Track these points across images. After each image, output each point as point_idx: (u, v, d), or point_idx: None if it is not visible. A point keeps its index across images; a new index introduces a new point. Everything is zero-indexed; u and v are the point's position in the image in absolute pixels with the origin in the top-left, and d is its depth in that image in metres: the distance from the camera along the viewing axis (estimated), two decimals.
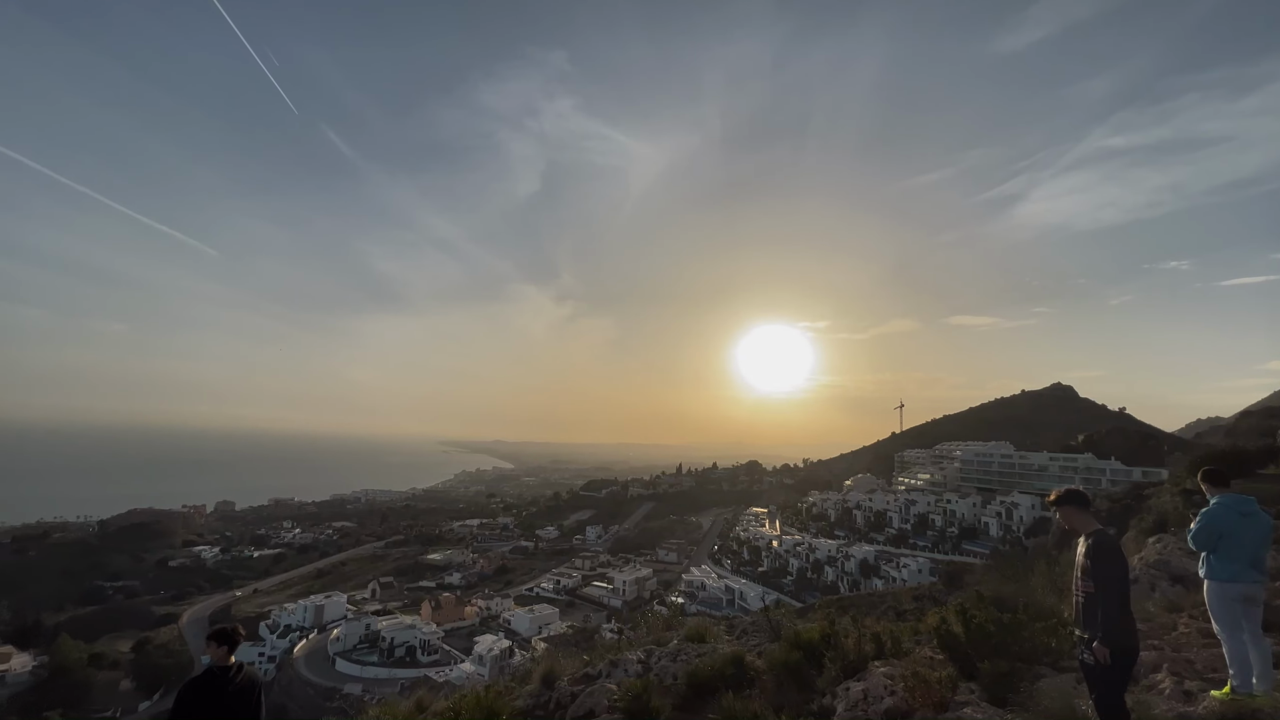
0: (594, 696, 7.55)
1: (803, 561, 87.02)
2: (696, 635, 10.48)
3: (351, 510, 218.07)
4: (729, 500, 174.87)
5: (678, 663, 8.89)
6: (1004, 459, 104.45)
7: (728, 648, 9.64)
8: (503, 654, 54.47)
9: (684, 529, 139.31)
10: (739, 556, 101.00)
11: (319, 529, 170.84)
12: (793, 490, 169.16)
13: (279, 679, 62.99)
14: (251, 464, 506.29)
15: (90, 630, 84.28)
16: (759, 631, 12.73)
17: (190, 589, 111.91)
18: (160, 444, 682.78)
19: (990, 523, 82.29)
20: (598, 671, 8.71)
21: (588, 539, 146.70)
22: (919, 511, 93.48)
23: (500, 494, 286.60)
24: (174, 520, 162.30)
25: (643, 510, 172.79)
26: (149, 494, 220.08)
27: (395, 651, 64.22)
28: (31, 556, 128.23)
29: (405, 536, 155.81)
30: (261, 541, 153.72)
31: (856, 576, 76.66)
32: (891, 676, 6.65)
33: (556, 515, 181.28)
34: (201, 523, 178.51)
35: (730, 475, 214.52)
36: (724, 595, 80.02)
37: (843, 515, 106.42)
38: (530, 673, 9.76)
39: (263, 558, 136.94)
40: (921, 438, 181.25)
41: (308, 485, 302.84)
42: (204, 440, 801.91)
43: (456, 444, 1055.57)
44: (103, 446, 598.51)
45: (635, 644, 11.09)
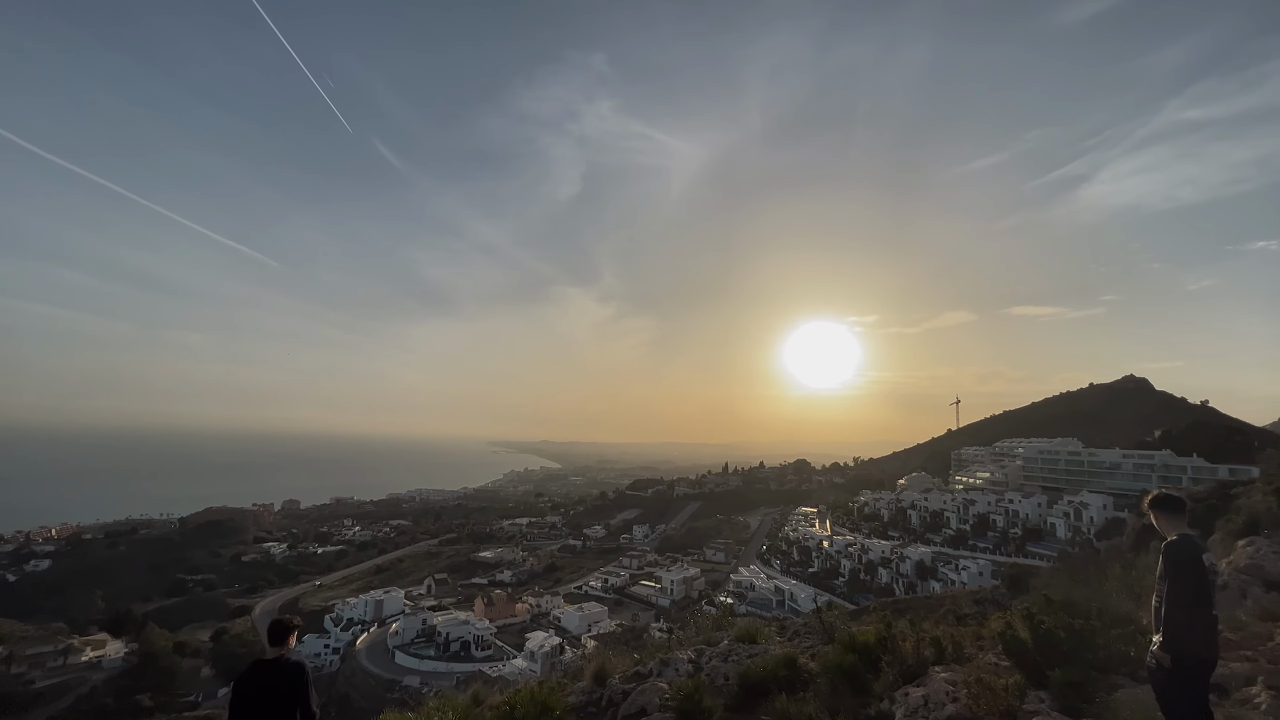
0: (645, 695, 7.58)
1: (855, 563, 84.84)
2: (747, 636, 10.38)
3: (407, 509, 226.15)
4: (777, 500, 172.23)
5: (729, 663, 8.83)
6: (1071, 456, 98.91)
7: (780, 649, 9.51)
8: (553, 651, 55.32)
9: (731, 529, 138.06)
10: (788, 557, 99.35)
11: (377, 527, 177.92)
12: (843, 489, 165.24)
13: (343, 670, 65.99)
14: (314, 465, 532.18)
15: (174, 620, 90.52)
16: (811, 633, 12.50)
17: (261, 583, 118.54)
18: (231, 446, 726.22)
19: (1057, 524, 78.07)
20: (649, 670, 8.75)
21: (635, 538, 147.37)
22: (979, 512, 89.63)
23: (548, 493, 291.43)
24: (246, 518, 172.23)
25: (689, 510, 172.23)
26: (223, 493, 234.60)
27: (450, 646, 66.23)
28: (122, 551, 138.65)
29: (458, 535, 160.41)
30: (324, 538, 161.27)
31: (912, 579, 74.17)
32: (953, 682, 6.41)
33: (603, 514, 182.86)
34: (270, 520, 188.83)
35: (778, 474, 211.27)
36: (774, 596, 78.87)
37: (896, 515, 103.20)
38: (582, 670, 9.89)
39: (326, 554, 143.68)
40: (980, 435, 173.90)
41: (366, 485, 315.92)
42: (270, 442, 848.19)
43: (505, 444, 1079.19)
44: (180, 449, 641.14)
45: (685, 643, 11.07)
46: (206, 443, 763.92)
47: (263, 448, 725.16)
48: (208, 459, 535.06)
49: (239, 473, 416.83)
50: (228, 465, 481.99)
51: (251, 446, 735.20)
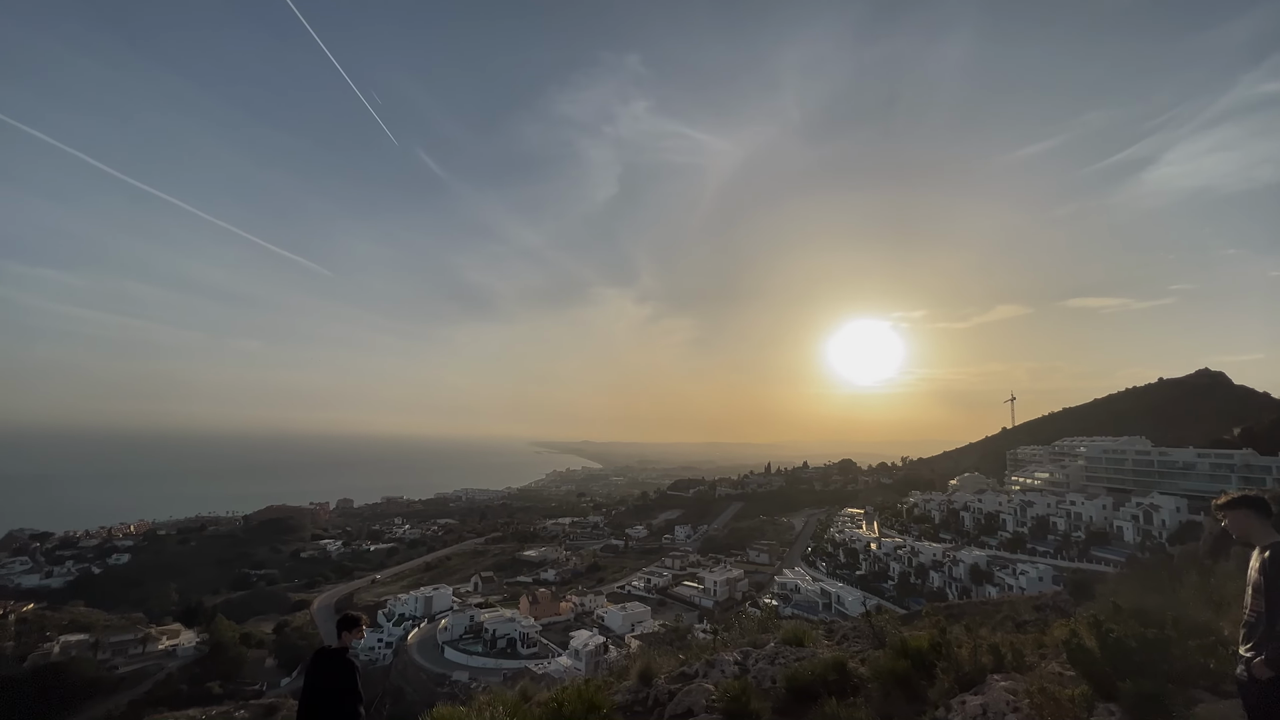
0: (691, 695, 7.55)
1: (905, 565, 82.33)
2: (794, 638, 10.21)
3: (454, 508, 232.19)
4: (822, 500, 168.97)
5: (776, 666, 8.71)
6: (1140, 456, 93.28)
7: (828, 653, 9.32)
8: (598, 649, 55.75)
9: (775, 530, 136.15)
10: (834, 559, 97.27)
11: (425, 525, 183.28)
12: (891, 490, 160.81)
13: (395, 664, 68.23)
14: (366, 465, 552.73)
15: (240, 612, 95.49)
16: (861, 637, 12.20)
17: (319, 578, 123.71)
18: (289, 447, 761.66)
19: (1124, 527, 73.79)
20: (694, 671, 8.71)
21: (676, 538, 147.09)
22: (1037, 514, 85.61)
23: (590, 493, 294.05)
24: (303, 516, 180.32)
25: (731, 510, 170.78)
26: (282, 492, 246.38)
27: (497, 643, 67.63)
28: (193, 547, 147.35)
29: (503, 533, 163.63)
30: (376, 536, 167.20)
31: (966, 583, 71.44)
32: (1014, 691, 6.15)
33: (645, 514, 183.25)
34: (326, 518, 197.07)
35: (822, 474, 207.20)
36: (820, 599, 77.33)
37: (948, 517, 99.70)
38: (627, 669, 9.93)
39: (378, 551, 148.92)
40: (1037, 433, 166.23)
41: (414, 484, 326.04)
42: (325, 444, 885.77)
43: (547, 444, 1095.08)
44: (242, 450, 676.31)
45: (730, 645, 10.98)
46: (266, 444, 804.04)
47: (318, 449, 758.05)
48: (267, 460, 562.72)
49: (297, 473, 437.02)
50: (286, 466, 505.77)
51: (307, 448, 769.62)
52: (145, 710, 51.18)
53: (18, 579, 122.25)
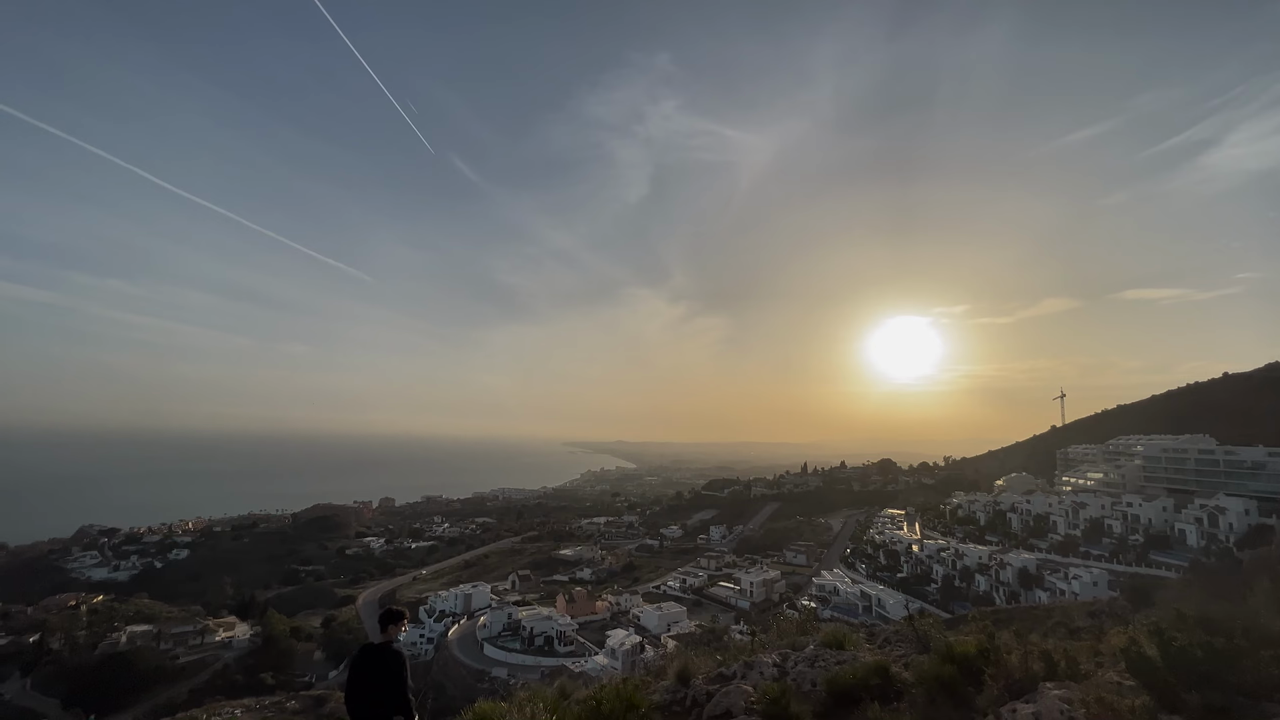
0: (730, 697, 7.50)
1: (949, 568, 79.89)
2: (834, 641, 10.04)
3: (491, 507, 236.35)
4: (860, 501, 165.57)
5: (816, 669, 8.57)
6: (1204, 455, 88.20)
7: (870, 657, 9.13)
8: (634, 649, 55.89)
9: (812, 530, 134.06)
10: (874, 561, 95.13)
11: (464, 524, 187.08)
12: (933, 491, 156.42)
13: (437, 659, 69.81)
14: (406, 465, 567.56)
15: (290, 606, 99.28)
16: (904, 641, 11.90)
17: (363, 574, 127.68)
18: (333, 448, 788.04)
19: (1187, 530, 69.91)
20: (732, 672, 8.66)
21: (712, 539, 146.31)
22: (1091, 516, 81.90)
23: (624, 493, 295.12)
24: (348, 514, 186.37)
25: (767, 510, 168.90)
26: (328, 491, 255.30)
27: (535, 640, 68.52)
28: (245, 543, 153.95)
29: (539, 532, 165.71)
30: (417, 534, 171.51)
31: (1014, 587, 68.87)
32: (1069, 700, 5.90)
33: (679, 514, 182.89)
34: (369, 517, 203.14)
35: (861, 474, 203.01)
36: (860, 601, 75.74)
37: (995, 518, 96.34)
38: (665, 669, 9.94)
39: (419, 549, 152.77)
40: (1090, 432, 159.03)
41: (453, 484, 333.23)
42: (367, 444, 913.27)
43: (581, 445, 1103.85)
44: (290, 450, 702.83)
45: (769, 647, 10.87)
46: (312, 445, 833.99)
47: (360, 449, 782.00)
48: (313, 460, 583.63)
49: (341, 472, 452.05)
50: (331, 466, 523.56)
51: (351, 448, 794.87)
52: (204, 698, 53.69)
53: (88, 572, 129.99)
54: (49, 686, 66.49)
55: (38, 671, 69.33)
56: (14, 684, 68.26)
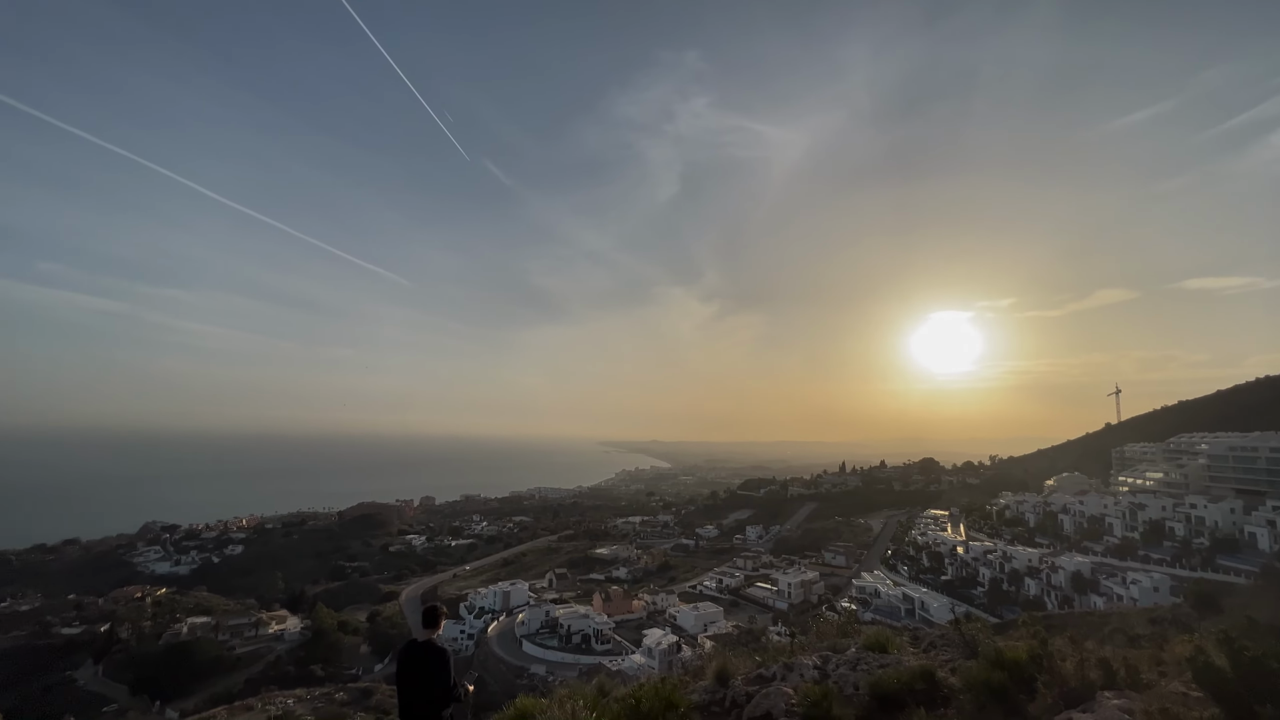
0: (770, 699, 7.41)
1: (996, 571, 77.12)
2: (876, 644, 9.82)
3: (527, 506, 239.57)
4: (901, 501, 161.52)
5: (858, 672, 8.40)
6: (1275, 453, 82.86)
7: (914, 661, 8.89)
8: (671, 648, 55.82)
9: (851, 531, 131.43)
10: (917, 563, 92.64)
11: (501, 522, 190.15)
12: (978, 491, 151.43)
13: (477, 654, 71.20)
14: (446, 464, 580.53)
15: (337, 601, 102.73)
16: (950, 646, 11.55)
17: (406, 571, 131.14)
18: (376, 447, 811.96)
19: (1258, 533, 65.72)
20: (771, 673, 8.55)
21: (748, 539, 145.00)
22: (1150, 517, 77.84)
23: (659, 492, 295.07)
24: (390, 512, 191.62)
25: (804, 511, 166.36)
26: (371, 489, 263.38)
27: (572, 638, 69.15)
28: (295, 540, 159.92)
29: (574, 531, 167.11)
30: (457, 532, 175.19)
31: (1067, 591, 66.02)
32: (1130, 711, 5.62)
33: (715, 514, 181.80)
34: (411, 515, 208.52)
35: (901, 474, 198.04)
36: (902, 604, 73.83)
37: (1045, 520, 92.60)
38: (703, 669, 9.89)
39: (459, 546, 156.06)
40: (1148, 429, 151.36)
41: (490, 483, 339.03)
42: (408, 444, 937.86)
43: (616, 444, 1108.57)
44: (334, 450, 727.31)
45: (809, 648, 10.70)
46: (355, 444, 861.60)
47: (401, 449, 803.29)
48: (356, 459, 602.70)
49: (383, 471, 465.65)
50: (372, 465, 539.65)
51: (391, 448, 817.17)
52: (259, 688, 56.04)
53: (152, 566, 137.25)
54: (118, 673, 70.57)
55: (108, 659, 73.65)
56: (87, 670, 72.70)
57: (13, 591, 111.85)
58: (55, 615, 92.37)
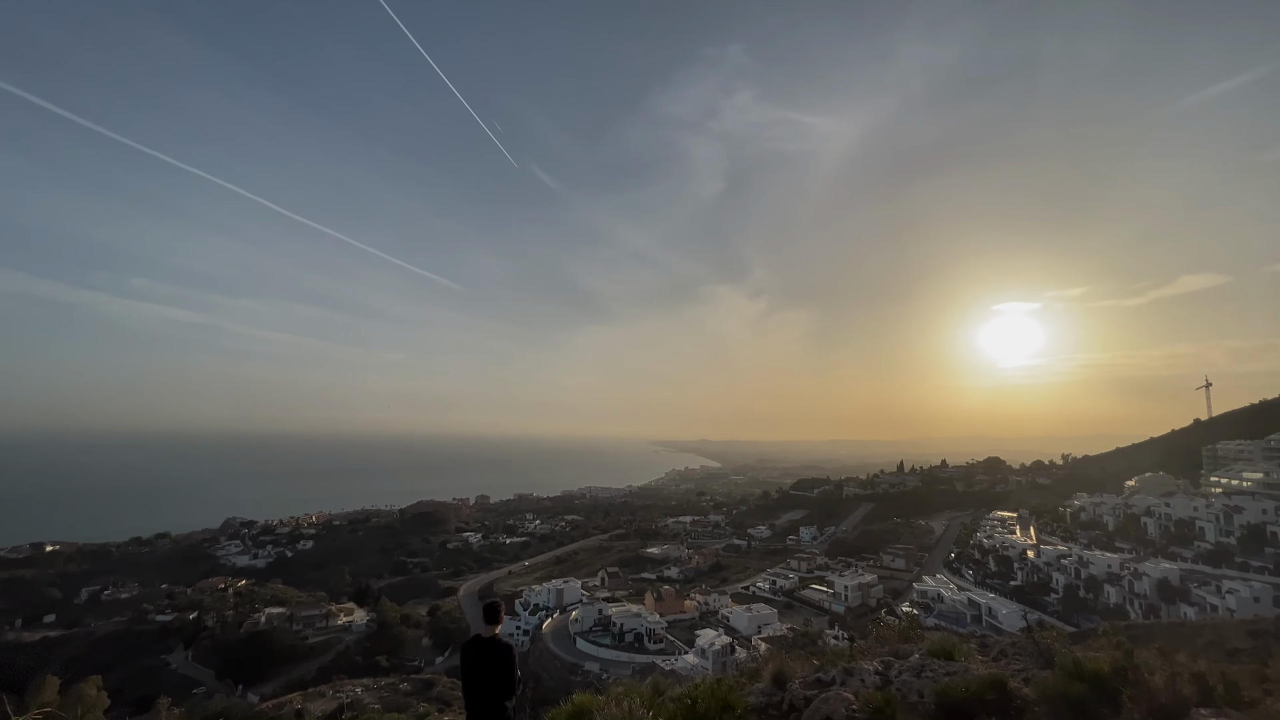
0: (829, 703, 7.21)
1: (1071, 577, 72.70)
2: (942, 651, 9.40)
3: (579, 505, 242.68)
4: (965, 502, 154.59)
5: (922, 679, 8.07)
6: None
7: (983, 669, 8.47)
8: (724, 649, 55.32)
9: (911, 533, 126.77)
10: (983, 567, 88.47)
11: (554, 521, 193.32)
12: (1049, 492, 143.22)
13: (533, 650, 72.62)
14: (499, 464, 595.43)
15: (399, 595, 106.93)
16: (1022, 655, 10.94)
17: (463, 567, 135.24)
18: (432, 448, 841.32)
19: None
20: (830, 678, 8.32)
21: (802, 540, 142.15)
22: (1249, 521, 71.59)
23: (709, 492, 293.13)
24: (448, 510, 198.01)
25: (860, 511, 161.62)
26: (429, 488, 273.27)
27: (625, 637, 69.52)
28: (360, 536, 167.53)
29: (625, 530, 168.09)
30: (511, 530, 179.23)
31: (1153, 600, 61.55)
32: None
33: (767, 514, 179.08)
34: (467, 513, 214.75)
35: (964, 474, 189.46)
36: (967, 610, 70.63)
37: (1126, 523, 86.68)
38: (758, 670, 9.73)
39: (513, 544, 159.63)
40: (1245, 426, 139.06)
41: (542, 482, 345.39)
42: (463, 444, 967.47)
43: (665, 444, 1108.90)
44: (394, 450, 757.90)
45: (869, 653, 10.37)
46: (411, 445, 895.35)
47: (456, 449, 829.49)
48: (414, 459, 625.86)
49: (439, 471, 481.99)
50: (429, 464, 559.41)
51: (447, 448, 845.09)
52: (330, 676, 59.08)
53: (233, 559, 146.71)
54: (205, 658, 75.88)
55: (196, 645, 79.29)
56: (179, 655, 78.50)
57: (114, 580, 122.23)
58: (150, 603, 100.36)
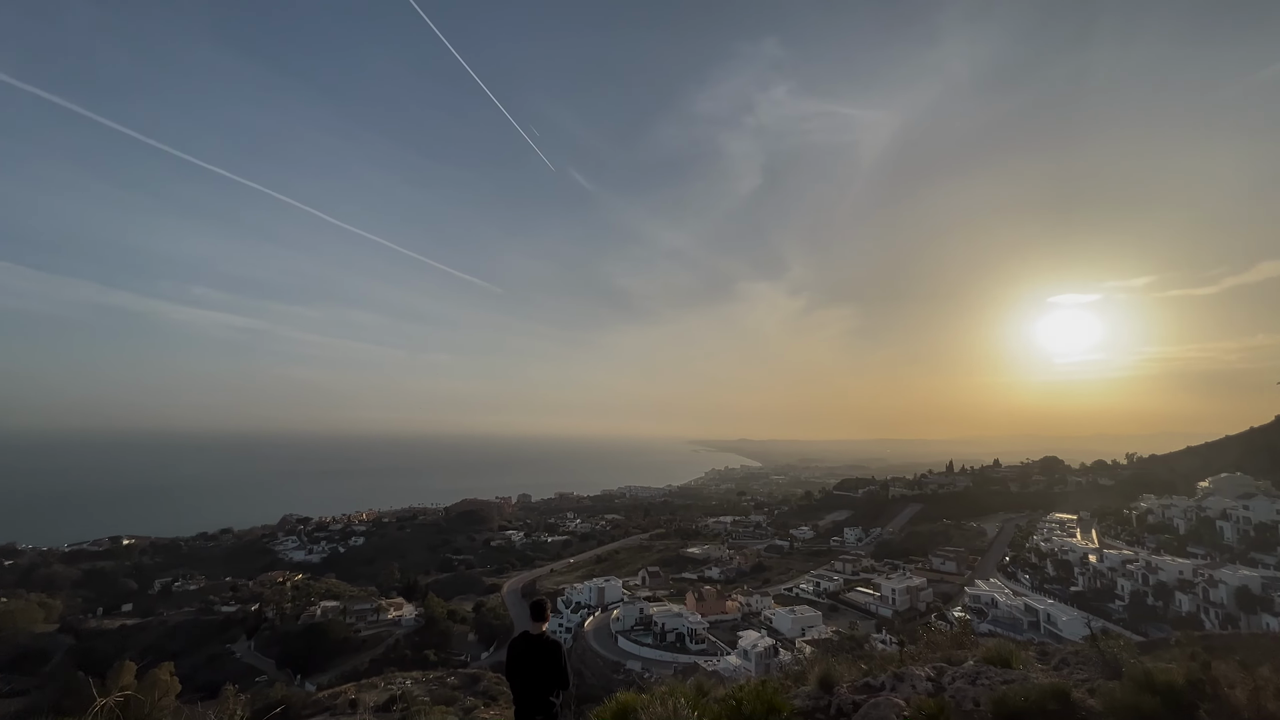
0: (880, 709, 7.01)
1: (1138, 584, 68.77)
2: (998, 658, 9.02)
3: (619, 504, 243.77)
4: (1019, 504, 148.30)
5: (978, 687, 7.75)
6: None
7: (1044, 678, 8.08)
8: (767, 651, 54.61)
9: (962, 535, 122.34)
10: (1040, 571, 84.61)
11: (594, 520, 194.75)
12: (1112, 493, 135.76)
13: (575, 648, 73.30)
14: (539, 463, 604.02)
15: (446, 591, 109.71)
16: (1085, 664, 10.39)
17: (506, 565, 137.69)
18: (474, 447, 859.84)
19: None
20: (880, 683, 8.09)
21: (846, 541, 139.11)
22: None
23: (750, 492, 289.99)
24: (490, 509, 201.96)
25: (907, 512, 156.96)
26: (473, 487, 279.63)
27: (667, 636, 69.41)
28: (408, 533, 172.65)
29: (665, 530, 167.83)
30: (552, 529, 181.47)
31: (1231, 610, 57.60)
32: None
33: (810, 515, 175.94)
34: (509, 511, 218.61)
35: (1019, 474, 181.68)
36: (1024, 616, 67.65)
37: (1199, 526, 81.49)
38: (804, 673, 9.54)
39: (554, 542, 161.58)
40: None
41: (582, 481, 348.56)
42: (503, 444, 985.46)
43: (704, 443, 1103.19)
44: (437, 449, 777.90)
45: (920, 658, 10.04)
46: (455, 444, 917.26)
47: (496, 449, 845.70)
48: (457, 458, 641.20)
49: (482, 469, 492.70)
50: (471, 463, 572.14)
51: (487, 448, 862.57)
52: (382, 668, 61.04)
53: (290, 554, 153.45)
54: (266, 648, 79.63)
55: (258, 635, 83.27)
56: (242, 644, 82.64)
57: (183, 573, 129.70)
58: (216, 595, 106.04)
